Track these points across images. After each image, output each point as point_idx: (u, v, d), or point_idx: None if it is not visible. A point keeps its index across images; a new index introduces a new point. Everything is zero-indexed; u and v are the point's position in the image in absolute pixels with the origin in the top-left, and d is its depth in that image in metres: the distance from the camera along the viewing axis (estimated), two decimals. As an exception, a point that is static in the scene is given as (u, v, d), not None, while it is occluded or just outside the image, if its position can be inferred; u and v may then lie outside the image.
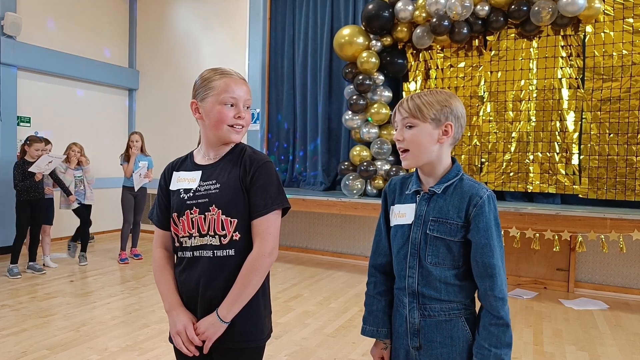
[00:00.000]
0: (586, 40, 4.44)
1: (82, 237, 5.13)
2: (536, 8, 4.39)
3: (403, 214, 1.29)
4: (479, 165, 4.88)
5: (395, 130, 1.30)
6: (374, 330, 1.35)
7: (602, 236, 3.79)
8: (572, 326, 3.46)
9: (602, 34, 4.36)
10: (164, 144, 6.85)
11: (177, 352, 1.39)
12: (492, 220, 1.20)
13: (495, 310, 1.18)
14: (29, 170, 4.39)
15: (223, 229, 1.31)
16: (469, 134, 4.94)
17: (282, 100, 6.21)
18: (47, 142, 4.87)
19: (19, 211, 4.47)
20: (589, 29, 4.43)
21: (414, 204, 1.27)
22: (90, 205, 5.22)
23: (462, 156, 4.96)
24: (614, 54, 4.31)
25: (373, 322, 1.35)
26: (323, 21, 5.93)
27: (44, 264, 4.81)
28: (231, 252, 1.31)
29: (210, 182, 1.34)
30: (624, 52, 4.27)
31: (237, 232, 1.31)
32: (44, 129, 5.92)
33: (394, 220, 1.32)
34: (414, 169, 1.33)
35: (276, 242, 1.33)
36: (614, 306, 3.97)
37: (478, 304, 1.25)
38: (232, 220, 1.31)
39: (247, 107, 1.37)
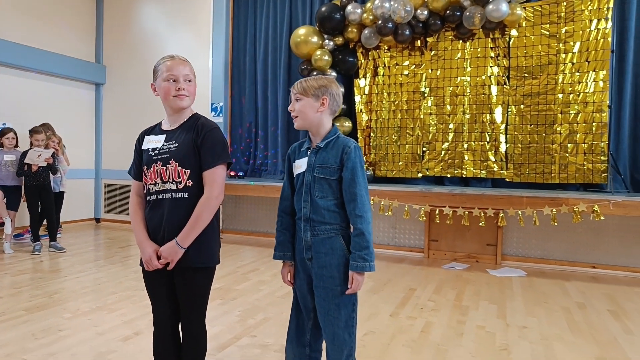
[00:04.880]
0: (511, 42, 5.03)
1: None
2: (467, 13, 4.96)
3: (300, 165, 1.81)
4: (421, 154, 5.42)
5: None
6: (281, 254, 1.86)
7: (520, 212, 4.37)
8: (491, 289, 4.02)
9: (524, 37, 4.97)
10: (131, 137, 7.12)
11: (146, 274, 1.80)
12: (357, 162, 1.72)
13: (355, 224, 1.70)
14: (25, 162, 4.96)
15: (179, 177, 1.73)
16: (412, 126, 5.47)
17: (245, 95, 6.61)
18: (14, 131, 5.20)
19: (28, 195, 5.09)
20: (514, 32, 5.02)
21: (306, 158, 1.79)
22: (63, 193, 5.51)
23: (407, 146, 5.50)
24: (534, 55, 4.92)
25: (281, 249, 1.86)
26: (282, 21, 6.36)
27: (3, 250, 5.01)
28: (185, 194, 1.73)
29: (171, 143, 1.77)
30: (542, 53, 4.89)
31: (189, 180, 1.73)
32: (10, 121, 6.11)
33: (296, 171, 1.83)
34: (308, 136, 1.86)
35: (222, 188, 1.76)
36: (531, 273, 4.56)
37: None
38: (186, 170, 1.73)
39: (189, 81, 1.78)
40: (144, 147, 1.83)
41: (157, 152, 1.77)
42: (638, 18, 4.72)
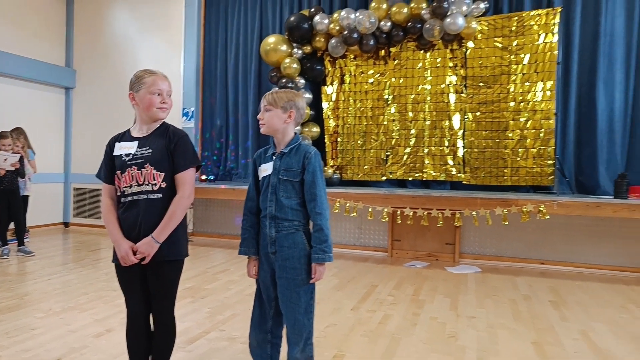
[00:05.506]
0: (468, 53, 5.37)
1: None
2: (427, 26, 5.27)
3: (266, 169, 2.02)
4: (385, 158, 5.70)
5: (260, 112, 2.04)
6: (246, 250, 2.06)
7: (474, 212, 4.69)
8: (447, 284, 4.30)
9: (480, 49, 5.31)
10: (101, 140, 7.14)
11: (119, 270, 1.95)
12: (317, 166, 1.96)
13: (316, 220, 1.93)
14: None
15: (154, 180, 1.92)
16: (376, 132, 5.74)
17: (216, 100, 6.75)
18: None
19: None
20: (470, 44, 5.36)
21: (272, 162, 2.00)
22: (27, 196, 5.52)
23: (371, 150, 5.76)
24: (488, 65, 5.27)
25: (246, 245, 2.06)
26: (253, 29, 6.55)
27: None
28: (159, 195, 1.92)
29: (145, 148, 1.95)
30: (496, 64, 5.24)
31: (164, 182, 1.92)
32: (-22, 124, 6.07)
33: (262, 174, 2.04)
34: (272, 143, 2.06)
35: (192, 188, 1.97)
36: (486, 270, 4.89)
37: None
38: (160, 173, 1.92)
39: (169, 95, 2.00)
40: (115, 153, 1.99)
41: (131, 157, 1.94)
42: (581, 33, 5.13)
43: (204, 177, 6.38)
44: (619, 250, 4.79)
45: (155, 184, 1.91)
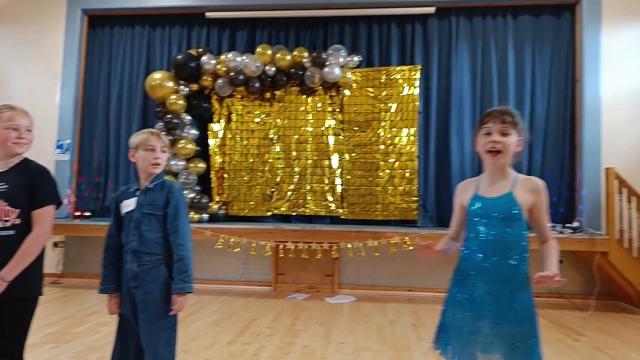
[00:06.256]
0: (344, 100, 5.91)
1: None
2: (308, 73, 5.73)
3: (129, 204, 2.10)
4: (270, 194, 5.92)
5: (155, 150, 2.09)
6: (107, 288, 2.09)
7: (349, 244, 5.07)
8: (324, 314, 4.55)
9: (355, 97, 5.89)
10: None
11: None
12: (180, 200, 2.09)
13: (177, 251, 2.03)
14: None
15: (7, 216, 1.88)
16: (262, 169, 5.97)
17: (96, 133, 6.47)
18: None
19: None
20: (347, 92, 5.92)
21: (136, 198, 2.09)
22: None
23: (258, 187, 5.96)
24: (362, 112, 5.85)
25: (106, 282, 2.09)
26: (139, 63, 6.48)
27: None
28: (12, 232, 1.88)
29: (2, 184, 1.91)
30: (368, 111, 5.84)
31: (18, 219, 1.89)
32: None
33: (125, 209, 2.11)
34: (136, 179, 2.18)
35: (50, 226, 1.96)
36: (361, 299, 5.25)
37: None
38: (14, 210, 1.89)
39: (29, 130, 2.00)
40: None
41: None
42: (438, 88, 5.95)
43: (78, 213, 6.00)
44: (471, 276, 5.48)
45: (7, 221, 1.88)
